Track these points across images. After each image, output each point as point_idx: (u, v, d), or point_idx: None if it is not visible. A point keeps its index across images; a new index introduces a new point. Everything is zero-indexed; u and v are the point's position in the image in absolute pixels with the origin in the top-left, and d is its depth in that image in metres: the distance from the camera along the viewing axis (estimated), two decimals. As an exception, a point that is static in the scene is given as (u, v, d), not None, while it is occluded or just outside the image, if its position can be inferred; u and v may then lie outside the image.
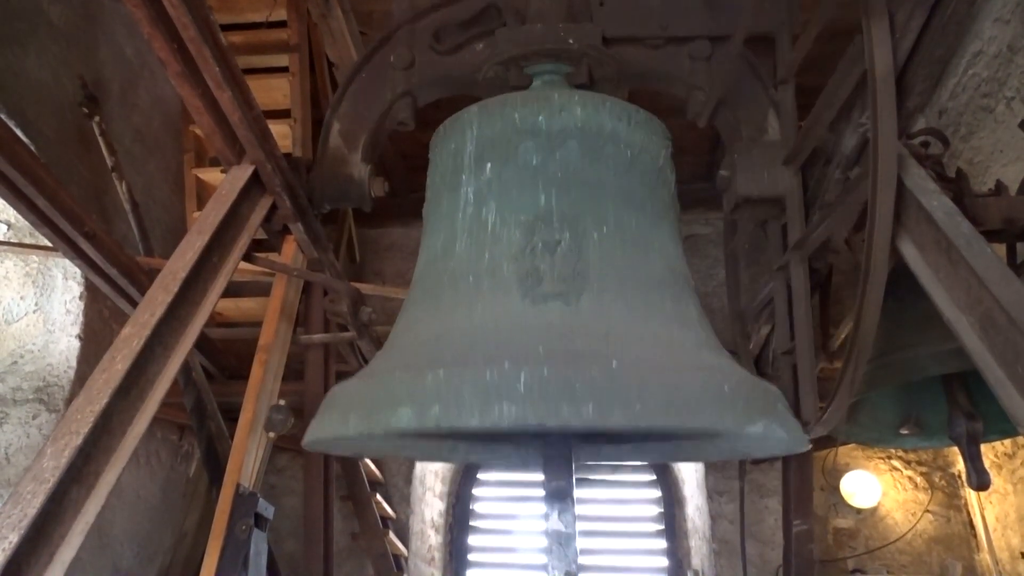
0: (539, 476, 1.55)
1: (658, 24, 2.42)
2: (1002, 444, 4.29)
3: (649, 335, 1.47)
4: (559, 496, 1.38)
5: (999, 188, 2.27)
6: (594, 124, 1.82)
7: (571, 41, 2.20)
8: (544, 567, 1.40)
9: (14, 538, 1.42)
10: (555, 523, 1.37)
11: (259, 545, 2.14)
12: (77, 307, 3.63)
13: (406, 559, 4.89)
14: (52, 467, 1.53)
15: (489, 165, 1.79)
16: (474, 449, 2.01)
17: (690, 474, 5.36)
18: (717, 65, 2.36)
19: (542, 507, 1.46)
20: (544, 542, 1.42)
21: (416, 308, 1.71)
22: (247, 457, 2.27)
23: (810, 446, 1.60)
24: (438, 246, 1.78)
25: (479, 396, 1.17)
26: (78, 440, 1.57)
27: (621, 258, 1.62)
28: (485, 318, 1.50)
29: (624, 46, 2.38)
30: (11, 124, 2.98)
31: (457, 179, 1.83)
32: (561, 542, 1.35)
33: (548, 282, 1.52)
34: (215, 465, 3.49)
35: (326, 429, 1.41)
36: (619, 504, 5.65)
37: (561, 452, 1.52)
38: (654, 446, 1.96)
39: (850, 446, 4.85)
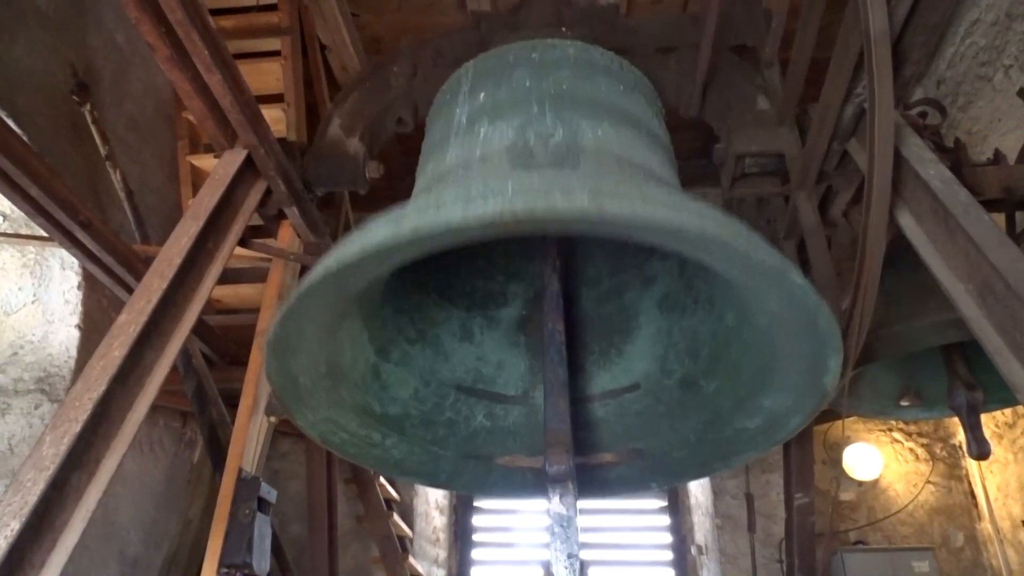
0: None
1: (647, 36, 2.52)
2: (1002, 414, 4.30)
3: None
4: (559, 480, 1.37)
5: (997, 157, 2.26)
6: (586, 59, 1.83)
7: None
8: (546, 547, 1.39)
9: (16, 525, 1.43)
10: (557, 506, 1.36)
11: (263, 528, 2.15)
12: (75, 297, 3.62)
13: (411, 540, 4.92)
14: (52, 454, 1.53)
15: (483, 93, 1.78)
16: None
17: (692, 451, 5.37)
18: (701, 66, 2.41)
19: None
20: (546, 523, 1.40)
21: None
22: (248, 442, 2.28)
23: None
24: (429, 169, 1.75)
25: (471, 199, 1.06)
26: (77, 427, 1.58)
27: (616, 151, 1.58)
28: (476, 187, 1.42)
29: None
30: (2, 114, 2.96)
31: (451, 111, 1.82)
32: (563, 524, 1.34)
33: (541, 157, 1.49)
34: (218, 451, 3.50)
35: (311, 277, 1.23)
36: (622, 482, 5.68)
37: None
38: (665, 468, 1.82)
39: (851, 419, 4.86)
